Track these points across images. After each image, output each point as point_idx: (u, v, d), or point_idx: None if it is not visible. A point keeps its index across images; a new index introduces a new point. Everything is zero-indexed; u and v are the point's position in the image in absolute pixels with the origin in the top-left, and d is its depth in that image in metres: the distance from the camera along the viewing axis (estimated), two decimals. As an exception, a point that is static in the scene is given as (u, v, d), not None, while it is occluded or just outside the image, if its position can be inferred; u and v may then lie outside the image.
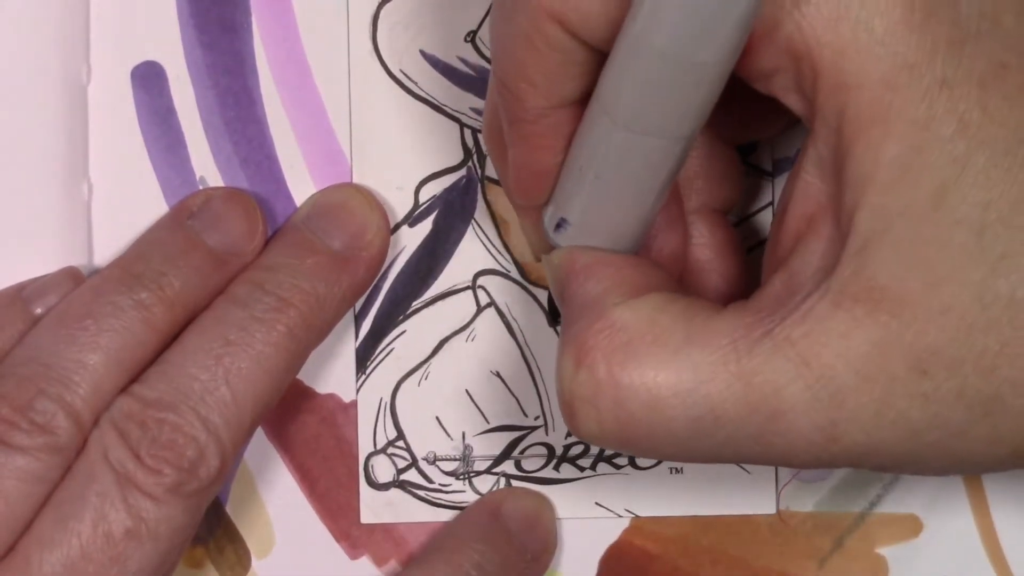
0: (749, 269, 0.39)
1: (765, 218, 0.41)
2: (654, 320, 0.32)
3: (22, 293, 0.38)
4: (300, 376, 0.41)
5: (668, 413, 0.31)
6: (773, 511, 0.42)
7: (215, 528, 0.42)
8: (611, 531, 0.42)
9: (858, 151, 0.29)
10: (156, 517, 0.35)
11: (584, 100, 0.33)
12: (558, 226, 0.35)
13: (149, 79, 0.41)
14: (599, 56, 0.32)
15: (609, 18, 0.30)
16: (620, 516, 0.42)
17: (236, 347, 0.37)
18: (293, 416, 0.42)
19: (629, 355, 0.32)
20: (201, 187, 0.41)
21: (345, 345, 0.42)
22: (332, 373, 0.42)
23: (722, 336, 0.31)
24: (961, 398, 0.29)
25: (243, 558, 0.42)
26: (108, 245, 0.40)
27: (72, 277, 0.39)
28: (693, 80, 0.30)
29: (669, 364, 0.31)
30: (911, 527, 0.42)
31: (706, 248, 0.38)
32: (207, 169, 0.41)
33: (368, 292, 0.41)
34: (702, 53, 0.29)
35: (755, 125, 0.38)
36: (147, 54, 0.41)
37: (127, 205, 0.40)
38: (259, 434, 0.42)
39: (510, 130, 0.34)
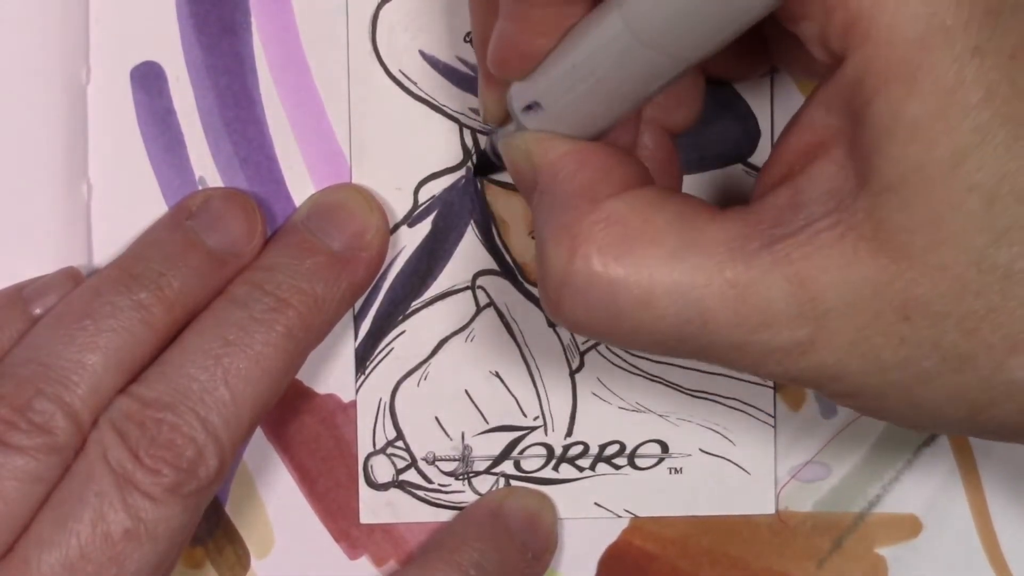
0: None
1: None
2: (649, 217, 0.32)
3: (22, 293, 0.38)
4: (299, 376, 0.41)
5: (658, 312, 0.31)
6: (772, 511, 0.42)
7: (214, 528, 0.42)
8: (610, 532, 0.42)
9: (882, 103, 0.29)
10: (155, 517, 0.35)
11: None
12: (529, 107, 0.35)
13: (148, 79, 0.41)
14: None
15: None
16: (619, 516, 0.42)
17: (235, 347, 0.37)
18: (292, 416, 0.42)
19: (624, 250, 0.32)
20: (200, 187, 0.41)
21: (344, 346, 0.41)
22: (332, 374, 0.42)
23: (719, 243, 0.31)
24: (937, 349, 0.30)
25: (242, 558, 0.42)
26: (107, 245, 0.40)
27: (71, 277, 0.39)
28: (731, 14, 0.30)
29: (665, 264, 0.31)
30: (910, 527, 0.42)
31: (647, 161, 0.37)
32: (206, 169, 0.41)
33: (367, 292, 0.41)
34: None
35: (739, 62, 0.38)
36: (146, 54, 0.40)
37: (126, 205, 0.40)
38: (258, 434, 0.41)
39: (512, 5, 0.33)
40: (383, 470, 0.42)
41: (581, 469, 0.42)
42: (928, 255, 0.29)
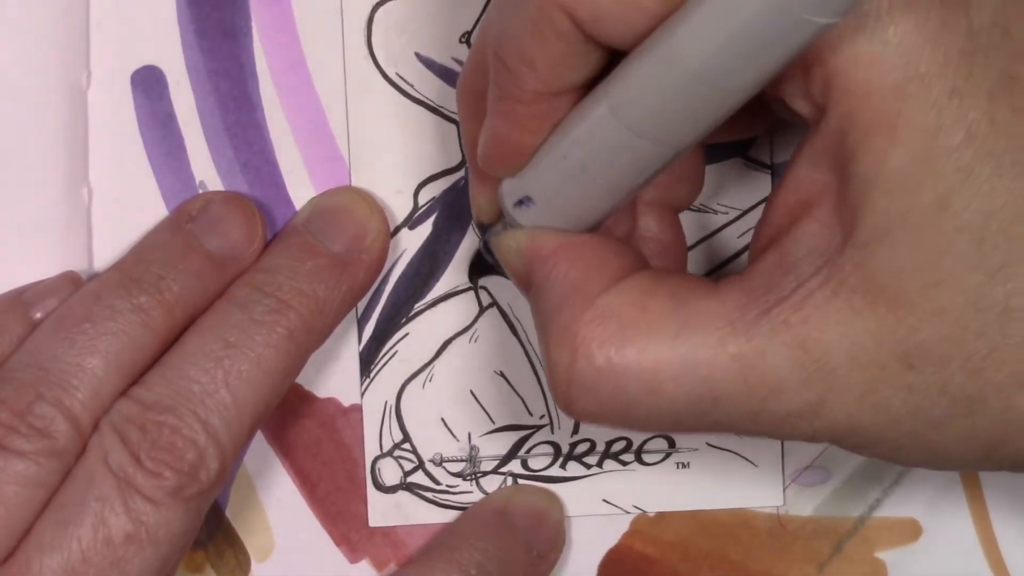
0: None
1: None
2: (644, 305, 0.32)
3: (22, 297, 0.38)
4: (300, 380, 0.41)
5: (668, 396, 0.32)
6: (781, 503, 0.42)
7: (215, 532, 0.42)
8: (611, 535, 0.42)
9: (864, 155, 0.30)
10: (156, 521, 0.35)
11: (581, 89, 0.32)
12: (520, 202, 0.35)
13: (149, 83, 0.40)
14: (604, 50, 0.31)
15: (621, 19, 0.30)
16: (628, 512, 0.42)
17: (236, 349, 0.37)
18: (293, 420, 0.41)
19: (625, 341, 0.32)
20: (201, 191, 0.40)
21: (346, 349, 0.41)
22: (332, 377, 0.41)
23: (718, 318, 0.31)
24: (944, 394, 0.30)
25: (243, 562, 0.42)
26: (108, 249, 0.40)
27: (72, 281, 0.39)
28: (719, 101, 0.30)
29: (667, 349, 0.31)
30: (910, 531, 0.42)
31: (651, 242, 0.37)
32: (207, 174, 0.41)
33: (370, 295, 0.41)
34: (738, 79, 0.29)
35: (739, 124, 0.38)
36: (147, 58, 0.40)
37: (127, 209, 0.40)
38: (259, 438, 0.41)
39: (498, 103, 0.33)
40: (391, 473, 0.42)
41: (588, 466, 0.42)
42: (924, 299, 0.30)
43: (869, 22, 0.29)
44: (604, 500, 0.42)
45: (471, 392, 0.42)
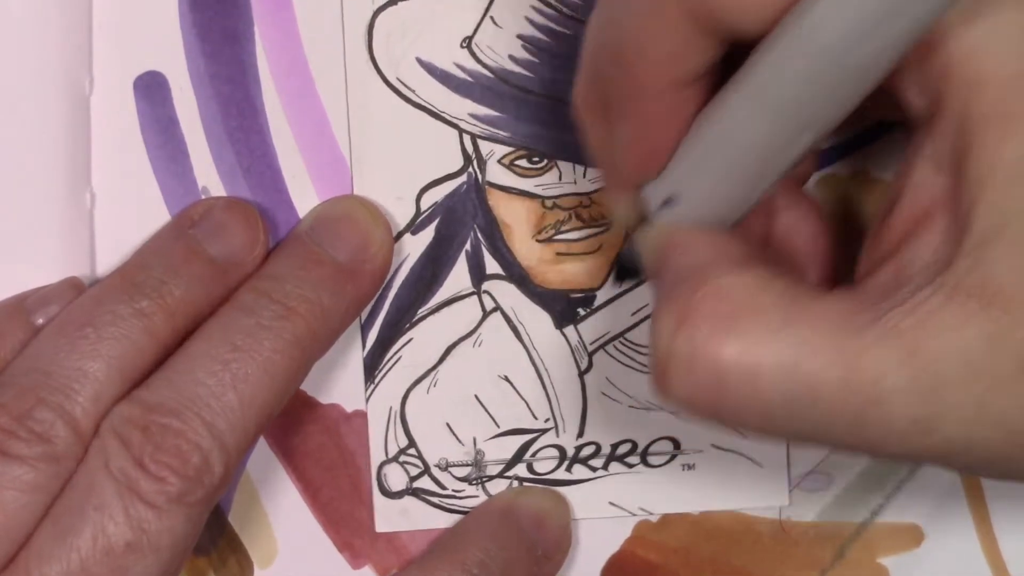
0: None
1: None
2: (757, 294, 0.31)
3: (24, 303, 0.38)
4: (304, 386, 0.41)
5: (765, 386, 0.30)
6: (787, 503, 0.42)
7: (218, 538, 0.41)
8: (613, 541, 0.42)
9: (979, 148, 0.29)
10: (158, 529, 0.35)
11: (704, 79, 0.32)
12: (666, 203, 0.34)
13: (151, 89, 0.40)
14: (719, 36, 0.31)
15: (748, 2, 0.30)
16: (634, 515, 0.42)
17: (244, 353, 0.36)
18: (296, 426, 0.41)
19: (732, 324, 0.31)
20: (203, 197, 0.40)
21: (349, 355, 0.41)
22: (336, 383, 0.41)
23: (826, 318, 0.30)
24: None
25: (246, 568, 0.42)
26: (110, 255, 0.40)
27: (74, 287, 0.38)
28: (861, 80, 0.29)
29: (772, 338, 0.30)
30: (913, 537, 0.42)
31: (798, 249, 0.37)
32: (209, 179, 0.40)
33: (373, 302, 0.41)
34: (878, 54, 0.29)
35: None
36: (149, 64, 0.40)
37: (129, 215, 0.40)
38: (262, 444, 0.41)
39: (624, 107, 0.33)
40: (396, 478, 0.42)
41: (594, 469, 0.42)
42: None
43: (985, 8, 0.28)
44: (610, 503, 0.42)
45: (475, 396, 0.42)
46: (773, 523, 0.42)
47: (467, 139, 0.41)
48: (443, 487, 0.42)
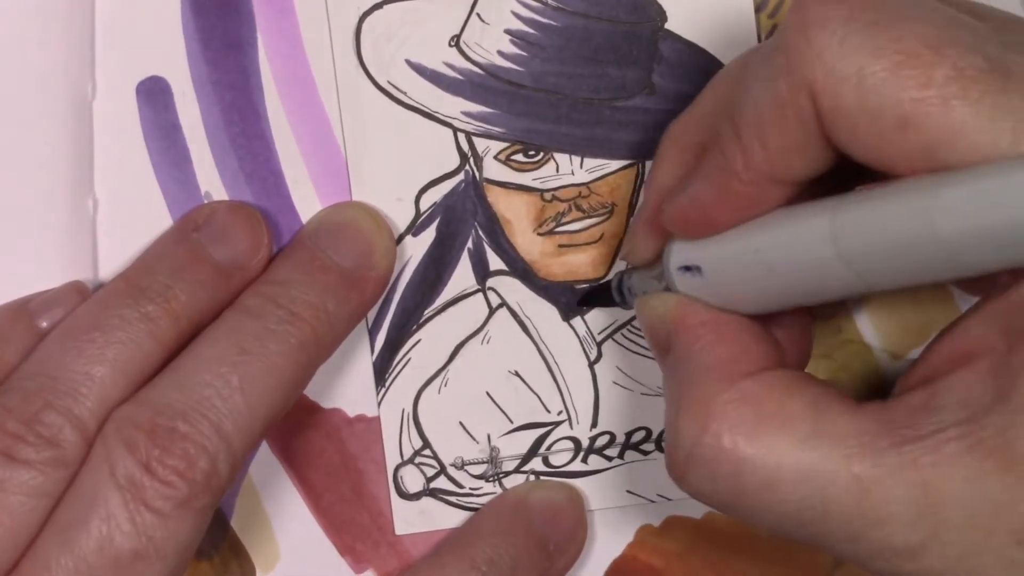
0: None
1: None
2: (783, 402, 0.32)
3: (27, 307, 0.38)
4: (306, 391, 0.41)
5: (782, 496, 0.31)
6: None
7: (220, 542, 0.41)
8: (615, 545, 0.42)
9: None
10: (164, 535, 0.35)
11: (799, 185, 0.32)
12: (688, 269, 0.34)
13: (154, 94, 0.40)
14: (836, 152, 0.31)
15: (855, 122, 0.30)
16: (652, 502, 0.42)
17: (251, 356, 0.36)
18: (299, 431, 0.41)
19: (756, 432, 0.32)
20: (206, 201, 0.40)
21: (352, 360, 0.41)
22: (338, 388, 0.41)
23: (850, 436, 0.31)
24: None
25: (248, 573, 0.42)
26: (113, 260, 0.40)
27: (77, 291, 0.38)
28: (955, 271, 0.29)
29: (794, 450, 0.31)
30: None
31: (781, 330, 0.37)
32: (212, 184, 0.40)
33: (379, 305, 0.41)
34: (988, 261, 0.28)
35: None
36: (152, 69, 0.40)
37: (132, 220, 0.40)
38: (264, 449, 0.41)
39: (714, 171, 0.33)
40: (413, 480, 0.42)
41: (610, 459, 0.42)
42: None
43: None
44: (628, 491, 0.42)
45: (487, 393, 0.41)
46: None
47: (462, 137, 0.41)
48: (460, 486, 0.42)
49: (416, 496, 0.42)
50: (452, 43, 0.40)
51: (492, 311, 0.41)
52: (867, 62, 0.29)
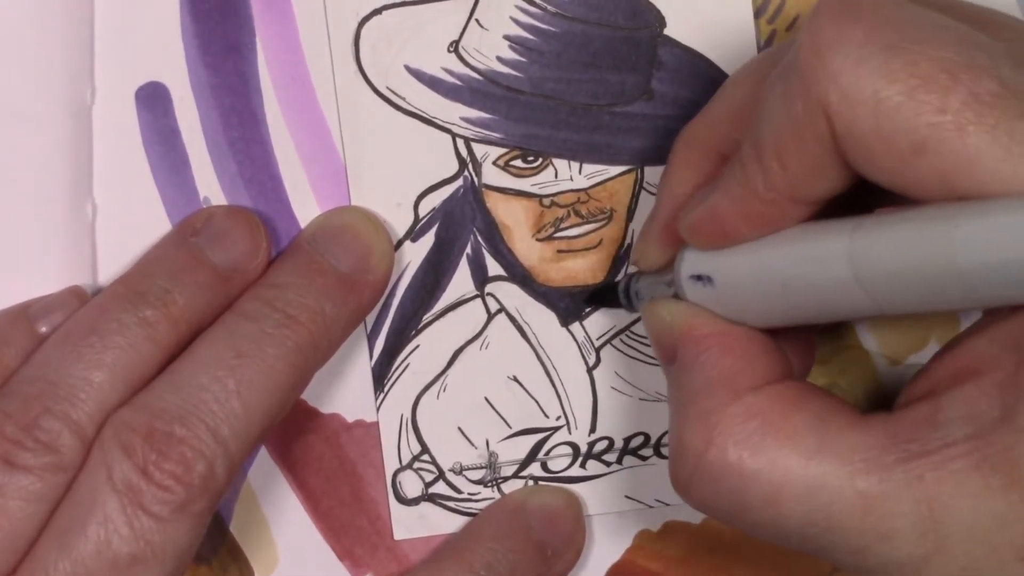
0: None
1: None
2: (789, 416, 0.32)
3: (27, 311, 0.38)
4: (304, 396, 0.41)
5: (785, 510, 0.31)
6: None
7: (219, 547, 0.41)
8: (614, 550, 0.42)
9: None
10: (162, 539, 0.34)
11: (817, 205, 0.32)
12: (698, 278, 0.34)
13: (153, 99, 0.40)
14: (853, 172, 0.31)
15: (869, 143, 0.30)
16: (651, 507, 0.42)
17: (248, 359, 0.36)
18: (297, 436, 0.41)
19: (761, 447, 0.32)
20: (205, 206, 0.40)
21: (350, 365, 0.41)
22: (336, 393, 0.41)
23: (855, 452, 0.31)
24: None
25: None
26: (112, 264, 0.40)
27: (76, 296, 0.38)
28: (970, 301, 0.29)
29: (798, 467, 0.31)
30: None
31: (785, 339, 0.37)
32: (211, 189, 0.40)
33: (378, 310, 0.41)
34: (1004, 294, 0.28)
35: None
36: (151, 75, 0.40)
37: (131, 225, 0.40)
38: (263, 453, 0.41)
39: (733, 186, 0.33)
40: (412, 485, 0.41)
41: (608, 464, 0.42)
42: None
43: None
44: (626, 496, 0.42)
45: (486, 399, 0.41)
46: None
47: (461, 143, 0.41)
48: (459, 491, 0.41)
49: (415, 501, 0.41)
50: (451, 49, 0.40)
51: (491, 316, 0.41)
52: (882, 86, 0.29)
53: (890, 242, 0.30)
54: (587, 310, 0.41)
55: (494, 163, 0.41)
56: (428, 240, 0.41)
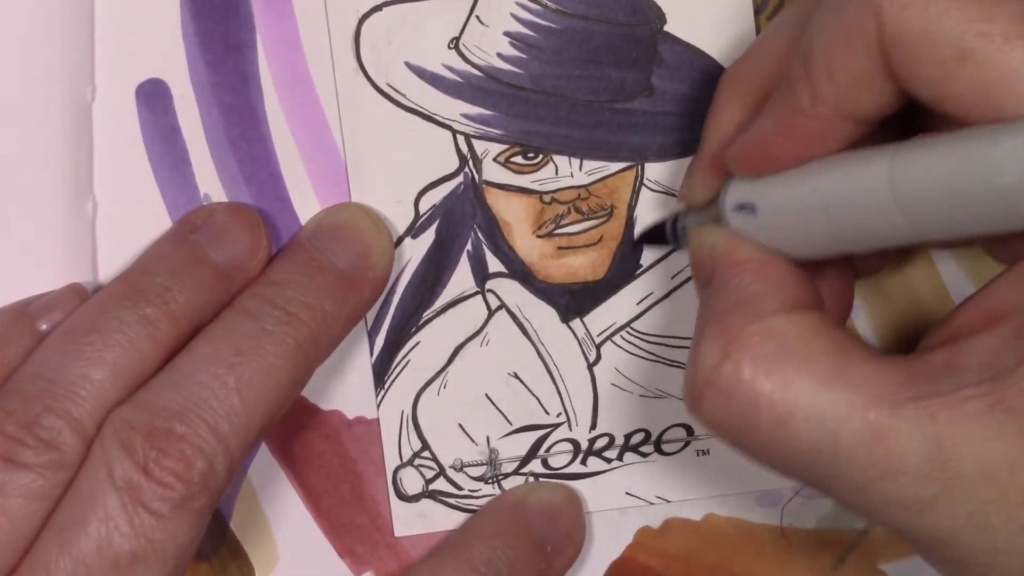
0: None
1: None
2: (809, 340, 0.32)
3: (27, 309, 0.38)
4: (305, 393, 0.41)
5: (793, 433, 0.31)
6: (800, 484, 0.41)
7: (219, 545, 0.41)
8: (614, 547, 0.42)
9: None
10: (163, 537, 0.34)
11: (863, 126, 0.32)
12: (742, 207, 0.34)
13: (153, 97, 0.40)
14: (901, 91, 0.31)
15: (918, 51, 0.30)
16: (651, 503, 0.42)
17: (247, 357, 0.36)
18: (297, 433, 0.41)
19: (776, 366, 0.31)
20: (205, 204, 0.40)
21: (351, 362, 0.41)
22: (337, 390, 0.41)
23: (870, 384, 0.31)
24: None
25: (247, 575, 0.42)
26: (113, 262, 0.40)
27: (77, 293, 0.38)
28: (1012, 220, 0.29)
29: (810, 391, 0.31)
30: (913, 544, 0.41)
31: (824, 281, 0.37)
32: (211, 186, 0.40)
33: (378, 307, 0.41)
34: None
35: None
36: (151, 72, 0.40)
37: (131, 223, 0.40)
38: (263, 451, 0.41)
39: (779, 108, 0.33)
40: (412, 482, 0.41)
41: (609, 460, 0.42)
42: None
43: None
44: (627, 493, 0.41)
45: (486, 395, 0.41)
46: (774, 530, 0.42)
47: (461, 139, 0.40)
48: (459, 488, 0.41)
49: (415, 498, 0.41)
50: (451, 45, 0.40)
51: (491, 313, 0.41)
52: None
53: (929, 163, 0.29)
54: (586, 309, 0.41)
55: (494, 160, 0.40)
56: (428, 237, 0.41)
